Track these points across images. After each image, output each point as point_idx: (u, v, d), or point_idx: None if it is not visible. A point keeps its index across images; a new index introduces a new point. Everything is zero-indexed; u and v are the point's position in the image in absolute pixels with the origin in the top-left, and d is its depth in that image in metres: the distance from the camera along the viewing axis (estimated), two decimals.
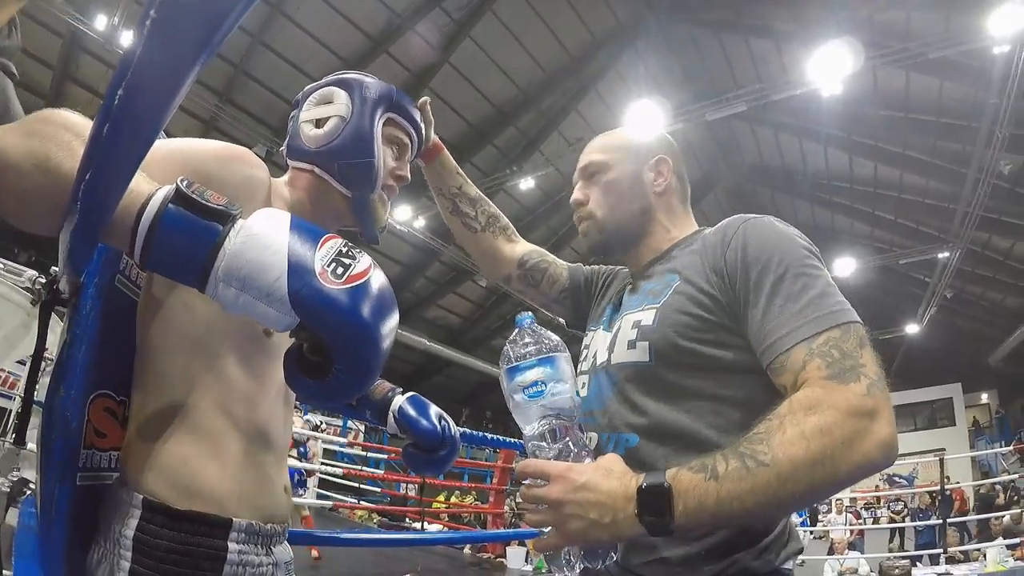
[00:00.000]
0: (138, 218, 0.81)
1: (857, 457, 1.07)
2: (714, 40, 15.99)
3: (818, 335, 1.20)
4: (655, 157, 1.65)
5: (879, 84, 14.44)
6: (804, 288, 1.27)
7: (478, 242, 1.97)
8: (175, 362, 1.18)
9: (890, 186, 17.98)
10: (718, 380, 1.35)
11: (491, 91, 17.00)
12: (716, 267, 1.39)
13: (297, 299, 0.80)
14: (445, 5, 14.72)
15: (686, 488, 1.09)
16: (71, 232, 0.80)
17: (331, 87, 1.48)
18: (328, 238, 0.87)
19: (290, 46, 14.73)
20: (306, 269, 0.81)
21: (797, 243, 1.36)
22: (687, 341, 1.36)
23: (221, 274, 0.80)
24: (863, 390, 1.12)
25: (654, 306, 1.44)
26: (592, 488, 1.14)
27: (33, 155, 0.85)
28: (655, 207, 1.64)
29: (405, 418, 1.70)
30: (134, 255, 0.82)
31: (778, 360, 1.23)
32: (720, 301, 1.36)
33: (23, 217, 0.89)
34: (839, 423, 1.08)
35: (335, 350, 0.82)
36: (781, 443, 1.08)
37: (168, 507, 1.08)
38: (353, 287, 0.82)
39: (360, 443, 9.51)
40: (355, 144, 1.42)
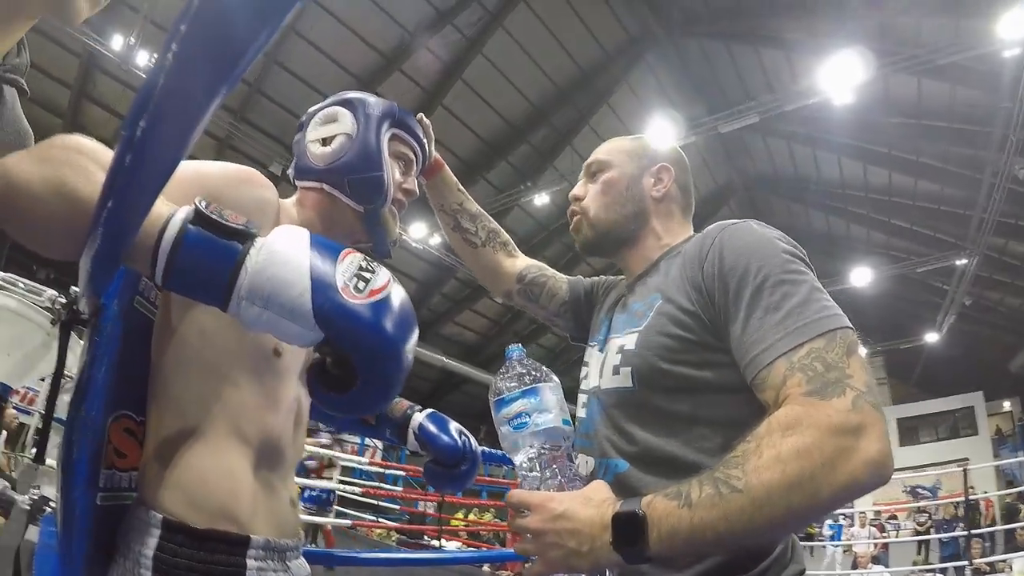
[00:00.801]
0: (159, 240, 0.81)
1: (842, 478, 1.01)
2: (724, 52, 15.97)
3: (799, 347, 1.15)
4: (658, 165, 1.64)
5: (891, 91, 14.36)
6: (785, 297, 1.21)
7: (479, 257, 1.98)
8: (188, 382, 1.19)
9: (905, 194, 17.83)
10: (704, 402, 1.31)
11: (504, 107, 17.04)
12: (695, 282, 1.35)
13: (321, 314, 0.80)
14: (456, 22, 14.80)
15: (660, 515, 1.07)
16: (92, 257, 0.80)
17: (334, 107, 1.51)
18: (347, 253, 0.87)
19: (304, 65, 14.84)
20: (328, 284, 0.81)
21: (777, 247, 1.30)
22: (669, 364, 1.32)
23: (244, 292, 0.81)
24: (848, 405, 1.06)
25: (636, 329, 1.41)
26: (569, 517, 1.14)
27: (49, 181, 0.86)
28: (650, 212, 1.62)
29: (426, 434, 1.71)
30: (155, 277, 0.82)
31: (759, 376, 1.19)
32: (701, 318, 1.32)
33: (41, 243, 0.90)
34: (819, 443, 1.03)
35: (359, 364, 0.82)
36: (756, 468, 1.04)
37: (187, 526, 1.09)
38: (375, 301, 0.83)
39: (378, 462, 9.50)
40: (364, 159, 1.44)
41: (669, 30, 15.77)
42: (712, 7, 14.97)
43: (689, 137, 14.12)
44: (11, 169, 0.87)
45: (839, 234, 21.31)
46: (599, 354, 1.54)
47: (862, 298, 20.37)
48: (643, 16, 15.76)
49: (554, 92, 17.20)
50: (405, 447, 1.77)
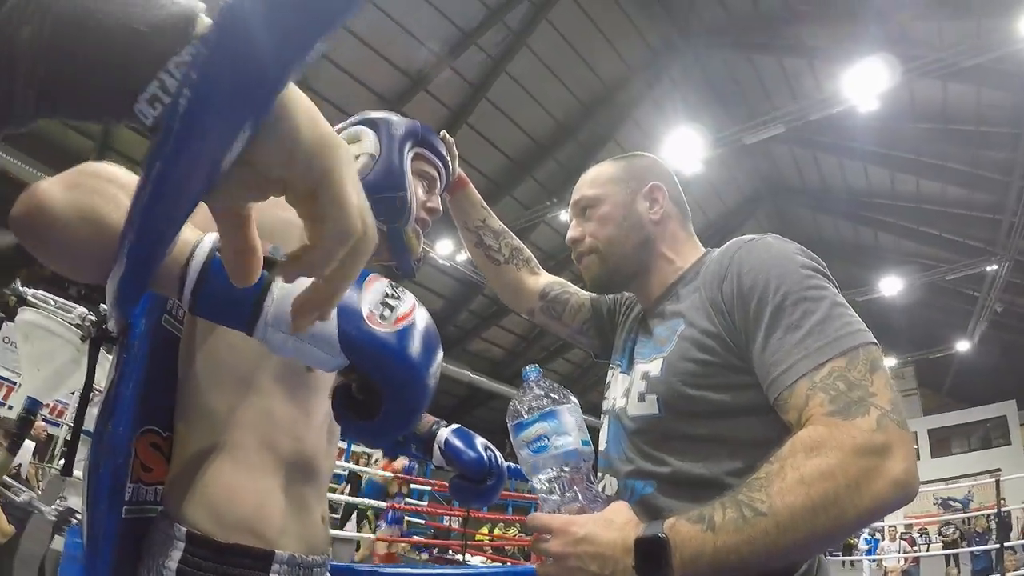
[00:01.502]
0: (185, 267, 0.82)
1: (866, 500, 1.01)
2: (747, 62, 15.92)
3: (821, 367, 1.13)
4: (648, 185, 1.58)
5: (915, 97, 14.22)
6: (805, 314, 1.19)
7: (501, 275, 1.96)
8: (219, 397, 1.20)
9: (933, 200, 17.59)
10: (730, 424, 1.28)
11: (529, 124, 17.05)
12: (715, 303, 1.33)
13: (347, 342, 0.80)
14: (480, 42, 14.87)
15: (683, 539, 1.06)
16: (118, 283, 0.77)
17: (358, 127, 1.51)
18: (373, 279, 0.87)
19: (331, 87, 14.92)
20: (354, 312, 0.81)
21: (796, 262, 1.28)
22: (694, 389, 1.30)
23: (270, 319, 0.81)
24: (872, 424, 1.05)
25: (661, 355, 1.39)
26: (592, 540, 1.14)
27: (78, 208, 0.87)
28: (655, 237, 1.56)
29: (451, 450, 1.70)
30: (183, 303, 0.84)
31: (782, 397, 1.17)
32: (724, 339, 1.30)
33: (69, 267, 0.92)
34: (843, 464, 1.02)
35: (385, 391, 0.82)
36: (780, 490, 1.03)
37: (211, 540, 1.10)
38: (401, 329, 0.83)
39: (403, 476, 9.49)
40: (387, 178, 1.44)
41: (691, 43, 15.73)
42: (734, 18, 14.92)
43: (715, 149, 14.08)
44: (42, 195, 0.89)
45: (867, 243, 21.07)
46: (623, 376, 1.53)
47: (892, 307, 20.11)
48: (665, 30, 15.75)
49: (578, 108, 17.19)
50: (431, 462, 1.76)
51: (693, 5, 14.93)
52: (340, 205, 0.54)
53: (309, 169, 0.53)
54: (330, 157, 0.53)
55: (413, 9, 13.96)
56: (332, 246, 0.55)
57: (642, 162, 1.67)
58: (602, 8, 15.02)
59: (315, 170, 0.53)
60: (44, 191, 0.90)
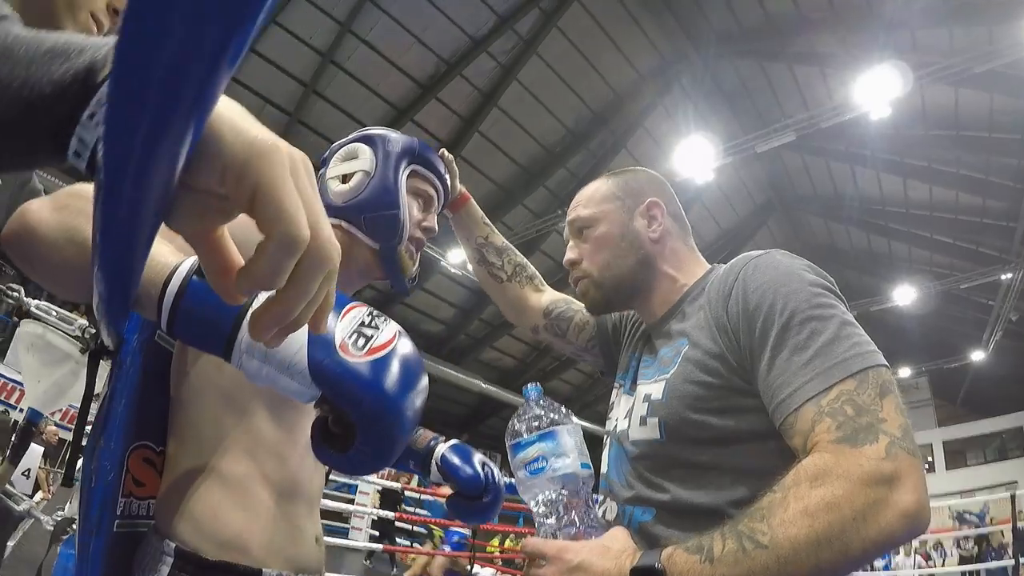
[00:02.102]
0: (163, 291, 0.81)
1: (872, 533, 0.97)
2: (758, 70, 15.88)
3: (828, 390, 1.09)
4: (645, 202, 1.54)
5: (927, 103, 14.16)
6: (812, 335, 1.15)
7: (504, 292, 1.93)
8: (207, 414, 1.21)
9: (946, 208, 17.46)
10: (734, 451, 1.25)
11: (539, 132, 17.09)
12: (720, 322, 1.29)
13: (317, 372, 0.78)
14: (491, 49, 14.94)
15: (680, 571, 1.03)
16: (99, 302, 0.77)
17: (355, 143, 1.51)
18: (351, 307, 0.84)
19: (342, 94, 15.05)
20: (326, 341, 0.79)
21: (803, 280, 1.23)
22: (697, 413, 1.27)
23: (244, 346, 0.79)
24: (880, 452, 1.01)
25: (664, 377, 1.35)
26: (586, 569, 1.11)
27: (64, 228, 0.90)
28: (654, 256, 1.52)
29: (448, 466, 1.68)
30: (162, 326, 0.83)
31: (787, 422, 1.13)
32: (728, 360, 1.26)
33: (56, 286, 0.95)
34: (849, 495, 0.98)
35: (357, 424, 0.79)
36: (782, 522, 1.00)
37: (197, 556, 1.11)
38: (374, 359, 0.80)
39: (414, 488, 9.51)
40: (380, 196, 1.44)
41: (702, 51, 15.71)
42: (744, 26, 14.91)
43: (726, 158, 14.05)
44: (31, 216, 0.92)
45: (880, 252, 20.95)
46: (627, 397, 1.50)
47: (905, 317, 20.01)
48: (676, 38, 15.76)
49: (589, 116, 17.23)
50: (428, 478, 1.75)
51: (704, 13, 14.96)
52: (276, 213, 0.50)
53: (241, 180, 0.50)
54: (262, 164, 0.51)
55: (424, 17, 14.05)
56: (274, 257, 0.51)
57: (638, 178, 1.62)
58: (612, 16, 15.06)
59: (247, 180, 0.50)
60: (33, 212, 0.93)
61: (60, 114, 0.49)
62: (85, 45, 0.51)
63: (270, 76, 14.44)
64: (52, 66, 0.50)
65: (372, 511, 9.62)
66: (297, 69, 14.56)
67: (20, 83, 0.49)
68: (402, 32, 14.27)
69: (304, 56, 14.34)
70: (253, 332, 0.57)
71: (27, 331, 2.45)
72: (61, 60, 0.50)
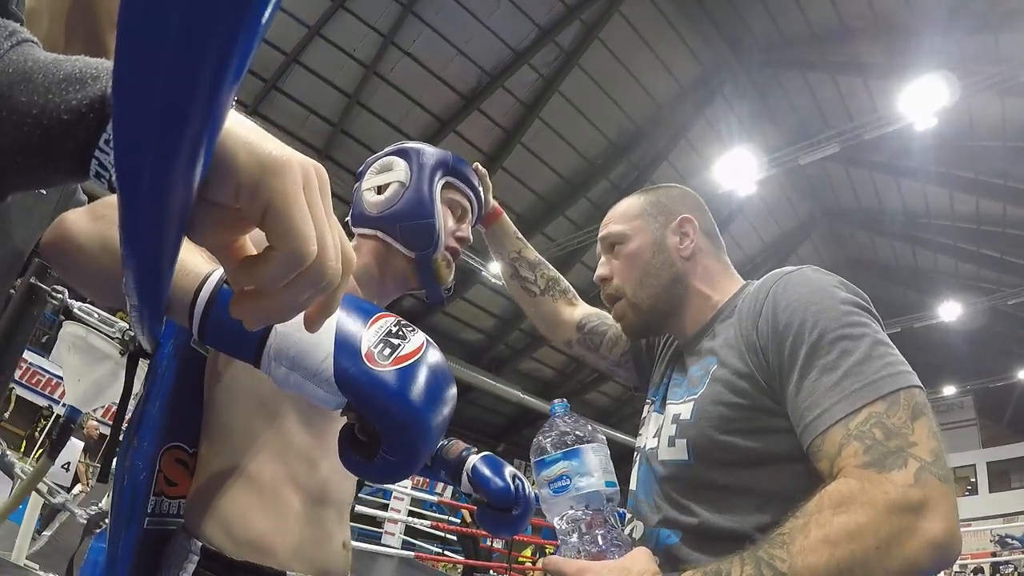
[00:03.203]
0: (195, 298, 0.83)
1: (898, 563, 0.93)
2: (801, 80, 15.69)
3: (857, 412, 1.06)
4: (677, 218, 1.53)
5: (974, 113, 13.78)
6: (843, 354, 1.12)
7: (538, 306, 1.93)
8: (239, 418, 1.24)
9: (994, 221, 16.98)
10: (762, 474, 1.22)
11: (581, 144, 17.06)
12: (749, 341, 1.27)
13: (343, 380, 0.78)
14: (533, 62, 14.99)
15: None
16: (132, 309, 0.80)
17: (390, 156, 1.54)
18: (379, 317, 0.85)
19: (385, 105, 15.19)
20: (353, 350, 0.79)
21: (835, 297, 1.20)
22: (725, 435, 1.24)
23: (272, 353, 0.81)
24: (909, 479, 0.97)
25: (692, 397, 1.33)
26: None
27: (100, 238, 0.94)
28: (686, 273, 1.50)
29: (479, 477, 1.69)
30: (193, 333, 0.85)
31: (814, 444, 1.10)
32: (758, 380, 1.23)
33: (94, 294, 0.99)
34: (874, 523, 0.95)
35: (382, 432, 0.80)
36: (801, 549, 0.97)
37: (223, 555, 1.13)
38: (400, 368, 0.80)
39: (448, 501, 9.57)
40: (415, 206, 1.46)
41: (744, 61, 15.60)
42: (786, 35, 14.77)
43: (769, 170, 13.91)
44: (69, 225, 0.97)
45: (926, 267, 20.47)
46: (656, 415, 1.48)
47: (951, 334, 19.59)
48: (717, 48, 15.67)
49: (631, 128, 17.17)
50: (459, 488, 1.76)
51: (745, 22, 14.84)
52: (285, 231, 0.52)
53: (254, 197, 0.52)
54: (274, 182, 0.52)
55: (465, 29, 14.15)
56: (277, 267, 0.53)
57: (671, 194, 1.61)
58: (653, 27, 15.02)
59: (260, 198, 0.52)
60: (72, 222, 0.98)
61: (79, 140, 0.51)
62: (100, 71, 0.53)
63: (314, 87, 14.64)
64: (68, 93, 0.52)
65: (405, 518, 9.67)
66: (341, 80, 14.74)
67: (39, 110, 0.51)
68: (444, 44, 14.38)
69: (348, 68, 14.52)
70: (233, 310, 0.58)
71: (69, 332, 2.52)
72: (77, 87, 0.52)
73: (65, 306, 2.44)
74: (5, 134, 0.52)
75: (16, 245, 1.26)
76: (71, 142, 0.51)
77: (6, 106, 0.52)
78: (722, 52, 15.70)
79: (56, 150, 0.52)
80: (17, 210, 1.23)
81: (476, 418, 24.02)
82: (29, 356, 12.16)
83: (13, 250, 1.25)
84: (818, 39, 14.36)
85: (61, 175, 0.54)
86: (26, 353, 12.41)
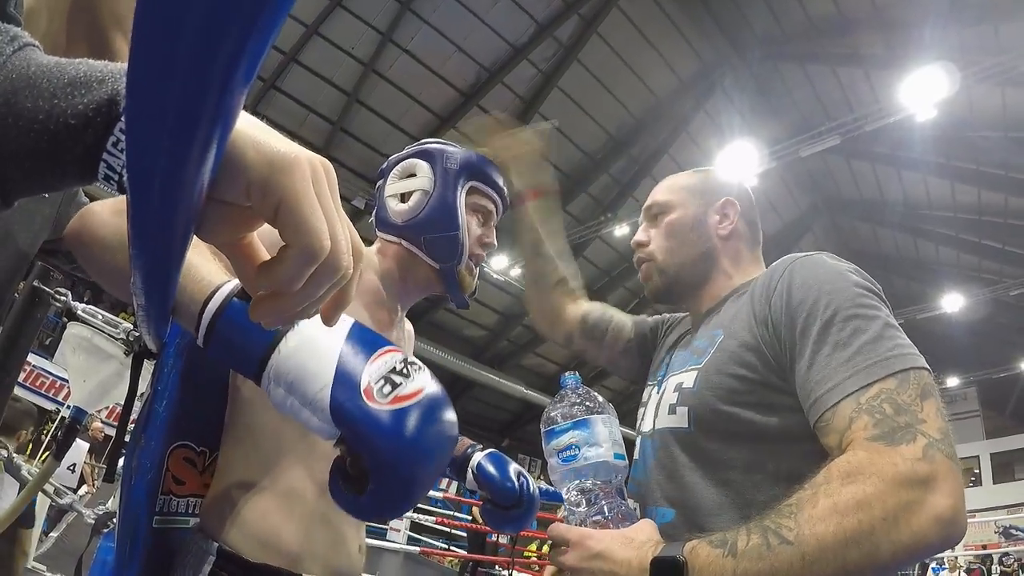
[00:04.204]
0: (203, 308, 0.83)
1: (904, 536, 0.92)
2: (801, 72, 15.65)
3: (868, 387, 1.05)
4: (722, 200, 1.56)
5: (974, 104, 13.71)
6: (855, 332, 1.12)
7: (544, 300, 1.94)
8: (268, 425, 1.23)
9: (995, 212, 16.90)
10: (764, 450, 1.22)
11: (582, 139, 17.07)
12: (761, 316, 1.27)
13: (338, 414, 0.76)
14: (532, 57, 14.98)
15: (702, 564, 1.01)
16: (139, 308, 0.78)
17: (413, 159, 1.52)
18: (384, 352, 0.82)
19: (384, 103, 15.19)
20: (352, 383, 0.77)
21: (849, 280, 1.21)
22: (728, 405, 1.24)
23: (272, 375, 0.80)
24: (918, 453, 0.97)
25: (696, 367, 1.34)
26: (607, 557, 1.10)
27: (120, 233, 0.93)
28: (719, 251, 1.53)
29: (483, 474, 1.69)
30: (198, 341, 0.85)
31: (823, 418, 1.09)
32: (766, 355, 1.23)
33: (112, 288, 0.99)
34: (881, 494, 0.94)
35: (372, 470, 0.77)
36: (809, 518, 0.96)
37: (239, 556, 1.13)
38: (397, 409, 0.77)
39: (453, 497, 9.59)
40: (440, 218, 1.45)
41: (744, 54, 15.59)
42: (786, 28, 14.73)
43: (770, 163, 13.90)
44: (92, 217, 0.98)
45: (928, 258, 20.44)
46: (656, 394, 1.48)
47: (954, 325, 19.52)
48: (717, 42, 15.66)
49: (632, 122, 17.17)
50: (464, 485, 1.76)
51: (744, 16, 14.81)
52: (298, 227, 0.53)
53: (265, 195, 0.53)
54: (284, 179, 0.53)
55: (464, 26, 14.14)
56: (294, 265, 0.53)
57: (720, 177, 1.66)
58: (652, 21, 15.01)
59: (271, 195, 0.52)
60: (95, 215, 0.99)
61: (86, 144, 0.52)
62: (105, 75, 0.53)
63: (314, 86, 14.64)
64: (75, 98, 0.52)
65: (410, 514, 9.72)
66: (340, 78, 14.74)
67: (45, 115, 0.51)
68: (443, 41, 14.37)
69: (347, 66, 14.52)
70: (253, 314, 0.58)
71: (73, 333, 2.53)
72: (83, 92, 0.52)
73: (68, 308, 2.44)
74: (11, 140, 0.51)
75: (20, 247, 1.26)
76: (79, 146, 0.51)
77: (11, 112, 0.52)
78: (721, 45, 15.68)
79: (64, 155, 0.52)
80: (20, 213, 1.23)
81: (480, 414, 24.02)
82: (32, 359, 12.14)
83: (17, 252, 1.25)
84: (818, 31, 14.32)
85: (69, 179, 0.54)
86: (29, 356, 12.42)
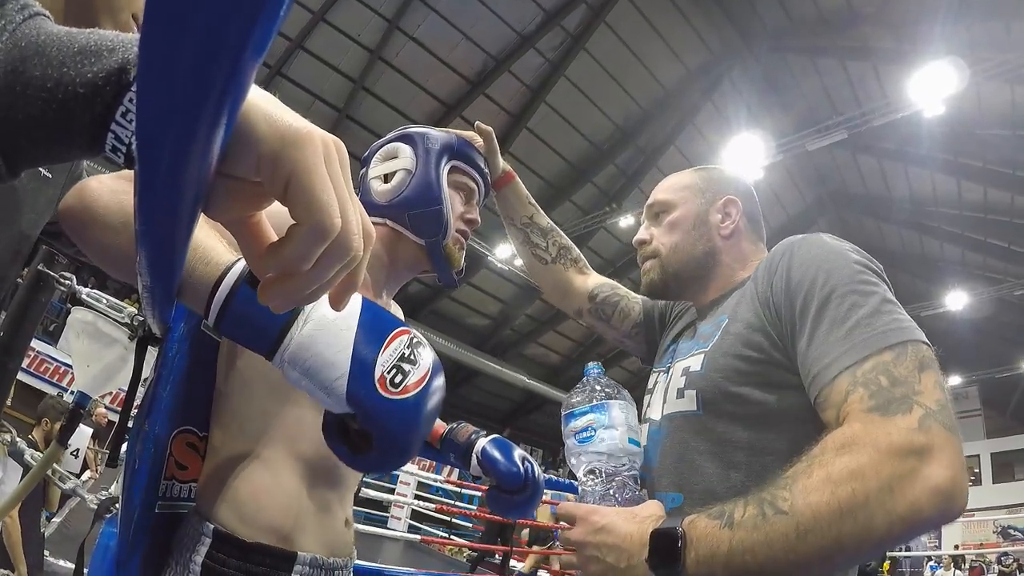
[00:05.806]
0: (214, 289, 0.83)
1: (900, 507, 0.91)
2: (810, 65, 15.63)
3: (864, 360, 1.05)
4: (723, 198, 1.56)
5: (983, 101, 13.73)
6: (852, 308, 1.12)
7: (549, 274, 1.92)
8: (253, 405, 1.23)
9: (1002, 210, 16.88)
10: (770, 432, 1.22)
11: (588, 129, 17.09)
12: (764, 297, 1.28)
13: (354, 401, 0.80)
14: (539, 46, 14.95)
15: (700, 535, 1.01)
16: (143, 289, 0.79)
17: (395, 143, 1.54)
18: (396, 335, 0.86)
19: (390, 91, 15.18)
20: (367, 374, 0.81)
21: (848, 258, 1.21)
22: (736, 386, 1.25)
23: (287, 357, 0.81)
24: (913, 423, 0.95)
25: (703, 350, 1.35)
26: (610, 531, 1.12)
27: (120, 212, 0.92)
28: (721, 250, 1.53)
29: (488, 459, 1.68)
30: (209, 322, 0.84)
31: (822, 394, 1.09)
32: (770, 334, 1.24)
33: (108, 266, 0.97)
34: (875, 464, 0.93)
35: (377, 443, 0.83)
36: (804, 488, 0.96)
37: (235, 538, 1.13)
38: (407, 398, 0.83)
39: (454, 481, 9.60)
40: (423, 193, 1.46)
41: (752, 46, 15.56)
42: (796, 20, 14.72)
43: (776, 156, 13.90)
44: (89, 193, 0.95)
45: (932, 255, 20.41)
46: (663, 380, 1.48)
47: (956, 323, 19.50)
48: (725, 33, 15.64)
49: (639, 113, 17.16)
50: (468, 471, 1.75)
51: (754, 7, 14.80)
52: (309, 203, 0.51)
53: (276, 170, 0.52)
54: (295, 153, 0.51)
55: (471, 14, 14.11)
56: (304, 243, 0.52)
57: (723, 175, 1.65)
58: (661, 11, 14.99)
59: (282, 170, 0.51)
60: (92, 191, 0.95)
61: (95, 113, 0.51)
62: (116, 44, 0.52)
63: (319, 72, 14.64)
64: (84, 67, 0.51)
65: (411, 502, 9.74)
66: (346, 66, 14.74)
67: (54, 84, 0.51)
68: (450, 29, 14.35)
69: (353, 53, 14.51)
70: (261, 297, 0.57)
71: (77, 318, 2.51)
72: (93, 60, 0.51)
73: (72, 293, 2.43)
74: (19, 109, 0.51)
75: (23, 229, 1.24)
76: (87, 115, 0.50)
77: (20, 80, 0.51)
78: (730, 36, 15.65)
79: (72, 124, 0.51)
80: (23, 193, 1.22)
81: (482, 403, 24.11)
82: (36, 344, 12.19)
83: (20, 234, 1.24)
84: (827, 24, 14.27)
85: (76, 149, 0.53)
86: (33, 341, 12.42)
